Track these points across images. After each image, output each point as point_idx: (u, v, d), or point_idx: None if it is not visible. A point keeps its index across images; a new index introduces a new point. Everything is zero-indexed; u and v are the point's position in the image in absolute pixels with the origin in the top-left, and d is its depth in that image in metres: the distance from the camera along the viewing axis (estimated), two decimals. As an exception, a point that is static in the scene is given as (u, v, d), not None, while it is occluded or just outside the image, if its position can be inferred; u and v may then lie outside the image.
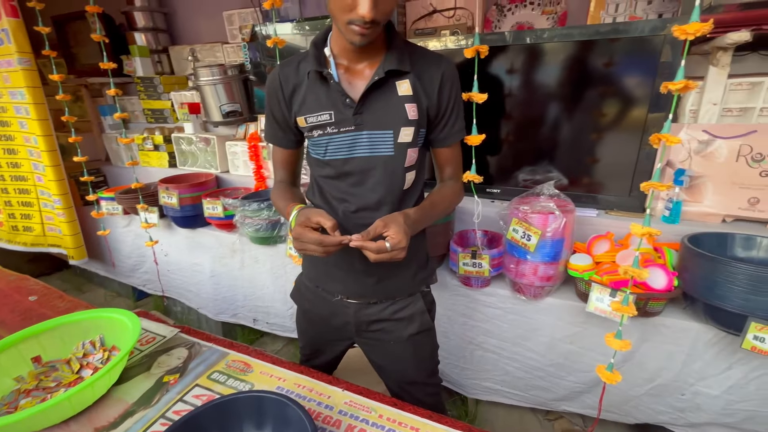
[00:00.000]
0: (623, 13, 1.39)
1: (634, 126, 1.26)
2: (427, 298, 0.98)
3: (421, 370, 1.00)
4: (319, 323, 1.02)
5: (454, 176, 0.94)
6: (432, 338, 1.01)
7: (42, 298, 1.22)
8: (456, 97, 0.85)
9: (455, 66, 0.85)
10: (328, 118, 0.82)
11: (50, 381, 0.82)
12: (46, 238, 2.29)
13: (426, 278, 0.97)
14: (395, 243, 0.72)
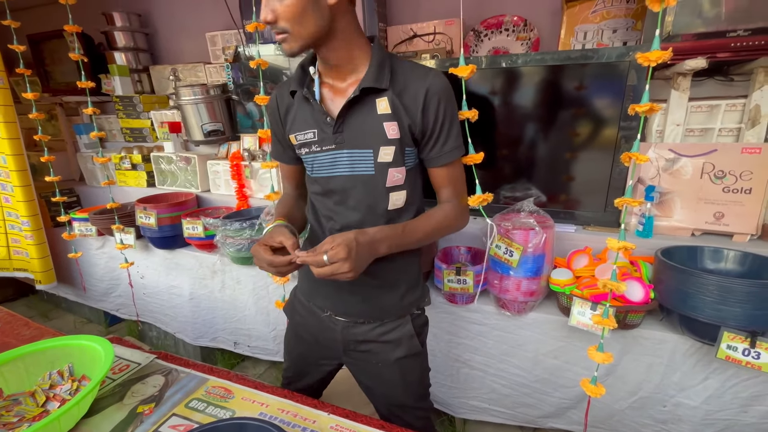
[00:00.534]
0: (591, 41, 1.48)
1: (606, 145, 1.32)
2: (417, 320, 0.95)
3: (409, 393, 0.97)
4: (308, 340, 1.01)
5: (451, 199, 0.88)
6: (421, 362, 0.98)
7: (5, 326, 1.14)
8: (445, 114, 0.80)
9: (445, 80, 0.80)
10: (312, 136, 0.84)
11: (12, 416, 0.76)
12: (11, 262, 2.17)
13: (416, 301, 0.94)
14: (332, 255, 0.70)
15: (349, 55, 0.80)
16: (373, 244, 0.76)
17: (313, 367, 1.04)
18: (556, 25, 1.61)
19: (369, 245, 0.75)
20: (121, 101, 2.28)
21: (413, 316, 0.94)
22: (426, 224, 0.85)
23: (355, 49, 0.80)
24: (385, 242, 0.79)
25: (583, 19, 1.47)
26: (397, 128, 0.80)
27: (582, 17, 1.47)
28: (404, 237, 0.82)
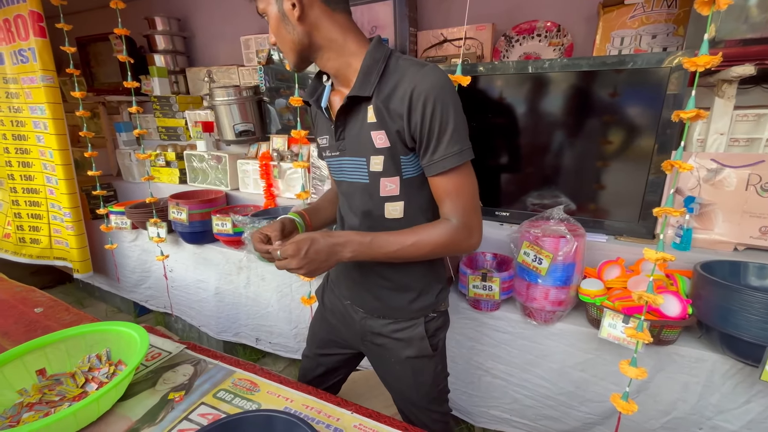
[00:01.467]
0: (629, 46, 1.44)
1: (641, 154, 1.28)
2: (432, 323, 0.93)
3: (422, 394, 0.97)
4: (333, 324, 1.05)
5: (451, 215, 0.77)
6: (435, 365, 0.96)
7: (48, 310, 1.21)
8: (434, 115, 0.71)
9: (438, 77, 0.71)
10: (325, 142, 0.90)
11: (54, 395, 0.81)
12: (52, 251, 2.29)
13: (430, 305, 0.92)
14: (283, 251, 0.74)
15: (344, 62, 0.79)
16: (334, 247, 0.76)
17: (334, 352, 1.08)
18: (591, 31, 1.58)
19: (329, 247, 0.75)
20: (159, 101, 2.38)
21: (427, 319, 0.92)
22: (404, 239, 0.77)
23: (348, 56, 0.78)
24: (349, 248, 0.77)
25: (620, 24, 1.44)
26: (385, 137, 0.76)
27: (619, 22, 1.44)
28: (371, 247, 0.77)
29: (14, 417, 0.74)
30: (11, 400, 0.78)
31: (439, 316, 0.96)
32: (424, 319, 0.91)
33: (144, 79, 2.50)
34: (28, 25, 1.89)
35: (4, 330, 1.09)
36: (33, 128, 2.09)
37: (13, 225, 2.31)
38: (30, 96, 2.03)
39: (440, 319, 0.96)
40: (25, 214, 2.27)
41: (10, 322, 1.13)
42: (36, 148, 2.13)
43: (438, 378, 0.98)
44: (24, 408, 0.76)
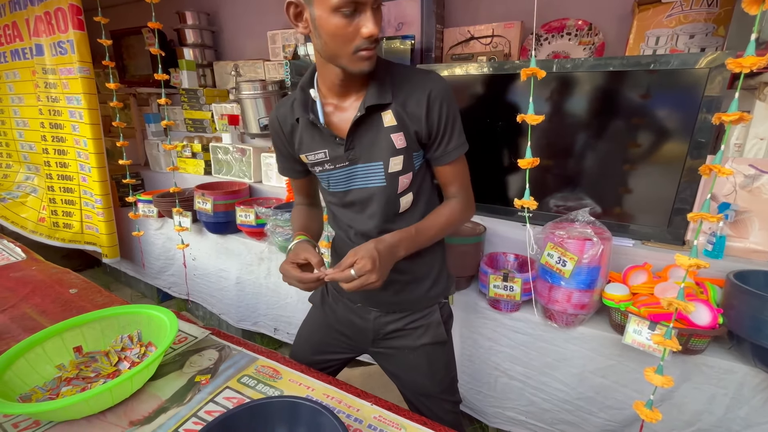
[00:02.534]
0: (664, 46, 1.39)
1: (673, 158, 1.24)
2: (444, 309, 0.99)
3: (435, 382, 0.99)
4: (336, 329, 1.05)
5: (458, 194, 0.91)
6: (446, 351, 1.00)
7: (82, 291, 1.26)
8: (447, 114, 0.82)
9: (444, 81, 0.82)
10: (324, 156, 0.87)
11: (90, 371, 0.84)
12: (83, 236, 2.39)
13: (443, 291, 0.98)
14: (359, 269, 0.74)
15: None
16: (392, 249, 0.80)
17: (333, 358, 1.08)
18: (624, 30, 1.54)
19: (389, 251, 0.79)
20: (187, 93, 2.45)
21: (441, 305, 0.98)
22: (436, 222, 0.88)
23: None
24: (402, 245, 0.82)
25: (656, 23, 1.39)
26: (404, 138, 0.82)
27: (655, 21, 1.39)
28: (418, 237, 0.85)
29: (54, 390, 0.78)
30: (51, 374, 0.83)
31: (448, 303, 1.01)
32: (439, 305, 0.96)
33: (173, 72, 2.57)
34: (67, 18, 1.97)
35: (42, 308, 1.15)
36: (69, 117, 2.18)
37: (48, 210, 2.42)
38: (67, 86, 2.11)
39: (448, 305, 1.02)
40: (59, 199, 2.37)
41: (47, 301, 1.19)
42: (71, 137, 2.22)
43: (450, 365, 1.02)
44: (63, 382, 0.81)
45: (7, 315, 1.10)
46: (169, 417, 0.75)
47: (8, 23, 2.32)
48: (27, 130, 2.49)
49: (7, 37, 2.37)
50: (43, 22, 2.09)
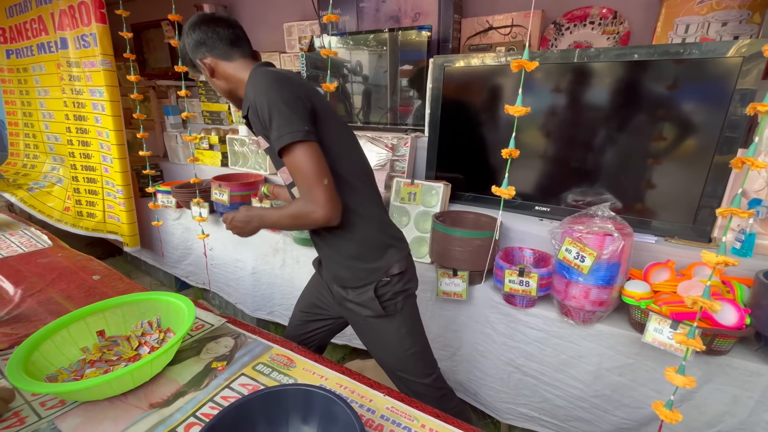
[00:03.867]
0: (694, 35, 1.33)
1: (700, 151, 1.19)
2: (386, 288, 1.02)
3: (390, 357, 1.08)
4: (321, 292, 1.19)
5: (299, 191, 0.90)
6: (395, 326, 1.05)
7: (104, 278, 1.30)
8: (261, 110, 0.86)
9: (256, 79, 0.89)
10: None
11: (112, 354, 0.87)
12: (105, 225, 2.46)
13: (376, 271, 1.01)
14: (225, 217, 1.07)
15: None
16: (248, 217, 1.02)
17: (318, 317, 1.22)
18: (651, 18, 1.48)
19: (245, 217, 1.02)
20: (205, 86, 2.48)
21: (381, 283, 1.01)
22: (283, 211, 0.96)
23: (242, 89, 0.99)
24: (255, 219, 1.02)
25: (686, 10, 1.33)
26: (263, 139, 0.93)
27: (685, 9, 1.33)
28: (263, 218, 1.01)
29: (78, 371, 0.81)
30: (76, 356, 0.86)
31: (395, 281, 1.02)
32: (377, 284, 1.01)
33: (191, 65, 2.60)
34: (90, 12, 2.01)
35: (68, 293, 1.19)
36: (92, 109, 2.23)
37: (73, 200, 2.50)
38: (90, 79, 2.16)
39: (397, 283, 1.03)
40: (83, 189, 2.45)
41: (72, 286, 1.23)
42: (94, 128, 2.27)
43: (403, 341, 1.06)
44: (87, 364, 0.83)
45: (35, 299, 1.14)
46: (186, 401, 0.77)
47: (34, 17, 2.39)
48: (53, 122, 2.56)
49: (33, 30, 2.44)
50: (67, 15, 2.14)
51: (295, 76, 0.95)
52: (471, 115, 1.61)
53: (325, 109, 0.95)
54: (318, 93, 0.98)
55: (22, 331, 0.97)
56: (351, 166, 0.98)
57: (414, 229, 1.64)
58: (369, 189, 1.03)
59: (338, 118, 1.01)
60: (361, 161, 1.04)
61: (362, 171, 1.03)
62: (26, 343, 0.78)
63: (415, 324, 1.09)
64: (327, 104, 0.98)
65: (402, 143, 1.76)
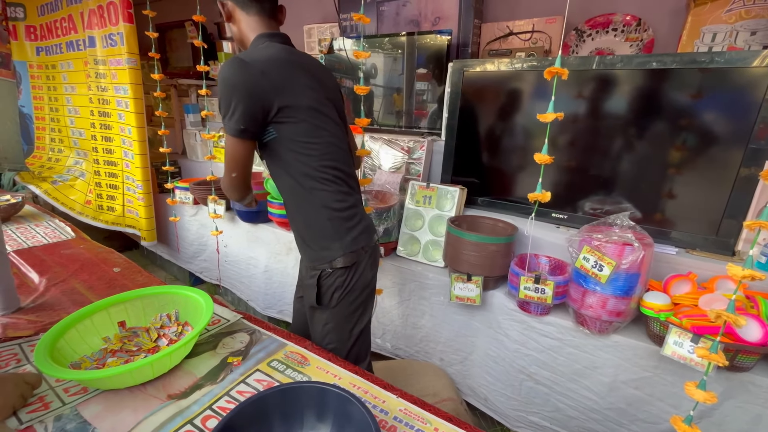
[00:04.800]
0: (721, 43, 1.31)
1: (726, 162, 1.17)
2: (327, 280, 1.07)
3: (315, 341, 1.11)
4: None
5: None
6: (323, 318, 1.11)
7: (124, 270, 1.34)
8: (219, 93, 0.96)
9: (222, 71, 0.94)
10: None
11: (132, 345, 0.89)
12: (124, 219, 2.52)
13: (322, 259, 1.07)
14: None
15: None
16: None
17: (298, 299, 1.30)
18: (677, 26, 1.45)
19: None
20: (224, 85, 2.52)
21: (324, 274, 1.06)
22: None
23: None
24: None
25: (713, 18, 1.31)
26: None
27: (712, 17, 1.31)
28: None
29: (100, 360, 0.83)
30: (98, 345, 0.88)
31: (337, 274, 1.06)
32: (321, 273, 1.06)
33: (212, 64, 2.65)
34: (118, 12, 2.08)
35: (89, 284, 1.22)
36: (116, 106, 2.30)
37: (94, 193, 2.57)
38: (116, 77, 2.23)
39: (339, 277, 1.06)
40: (105, 184, 2.51)
41: (94, 278, 1.26)
42: (117, 125, 2.34)
43: (326, 336, 1.11)
44: (108, 353, 0.86)
45: (59, 288, 1.18)
46: (203, 393, 0.78)
47: (64, 16, 2.47)
48: (78, 118, 2.64)
49: (63, 29, 2.52)
50: (96, 15, 2.21)
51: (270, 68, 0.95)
52: (488, 120, 1.61)
53: (297, 105, 0.97)
54: (294, 85, 0.98)
55: (47, 319, 1.00)
56: (314, 160, 1.02)
57: (428, 232, 1.63)
58: (334, 182, 1.05)
59: (320, 112, 1.02)
60: (333, 155, 1.05)
61: (331, 165, 1.04)
62: (52, 331, 0.81)
63: (344, 324, 1.12)
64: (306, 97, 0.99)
65: (418, 146, 1.76)
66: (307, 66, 1.05)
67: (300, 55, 1.08)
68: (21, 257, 1.37)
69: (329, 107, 1.06)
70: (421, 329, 1.60)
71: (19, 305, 1.07)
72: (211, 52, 2.67)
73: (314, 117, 1.01)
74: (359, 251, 1.09)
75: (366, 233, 1.11)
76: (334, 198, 1.06)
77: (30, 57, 2.81)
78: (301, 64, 1.03)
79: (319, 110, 1.02)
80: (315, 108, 1.01)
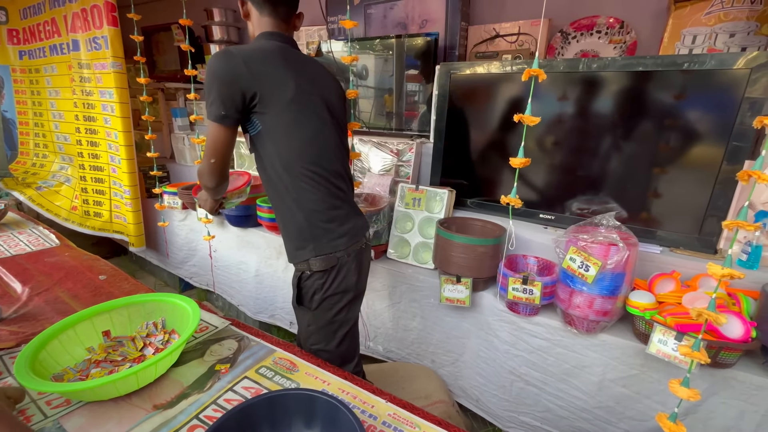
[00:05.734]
0: (701, 45, 1.33)
1: (707, 162, 1.19)
2: (307, 282, 1.09)
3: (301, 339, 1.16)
4: None
5: None
6: (306, 318, 1.13)
7: (110, 278, 1.32)
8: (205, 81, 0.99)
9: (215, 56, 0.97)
10: None
11: (117, 355, 0.88)
12: (112, 225, 2.48)
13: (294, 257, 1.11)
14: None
15: None
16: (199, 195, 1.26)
17: None
18: (659, 29, 1.48)
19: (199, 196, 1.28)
20: (213, 89, 2.50)
21: (304, 277, 1.10)
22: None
23: None
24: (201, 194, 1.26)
25: (693, 21, 1.34)
26: None
27: (692, 19, 1.34)
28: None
29: (84, 371, 0.82)
30: (81, 356, 0.86)
31: (315, 277, 1.08)
32: (301, 274, 1.10)
33: (200, 68, 2.63)
34: (102, 15, 2.05)
35: (74, 293, 1.20)
36: (101, 111, 2.26)
37: (80, 199, 2.53)
38: (101, 81, 2.19)
39: (317, 281, 1.08)
40: (91, 189, 2.48)
41: (79, 286, 1.24)
42: (103, 129, 2.30)
43: (309, 334, 1.14)
44: (92, 364, 0.84)
45: (42, 298, 1.15)
46: (190, 403, 0.77)
47: (48, 19, 2.43)
48: (62, 122, 2.60)
49: (46, 32, 2.48)
50: (79, 18, 2.18)
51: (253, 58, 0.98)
52: (477, 122, 1.62)
53: (278, 96, 0.99)
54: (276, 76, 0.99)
55: (29, 330, 0.98)
56: (294, 154, 1.03)
57: (418, 234, 1.64)
58: (313, 180, 1.05)
59: (304, 107, 1.03)
60: (315, 152, 1.05)
61: (312, 162, 1.04)
62: (34, 342, 0.79)
63: (327, 326, 1.13)
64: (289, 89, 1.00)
65: (407, 149, 1.77)
66: (300, 62, 1.06)
67: (294, 53, 1.08)
68: (3, 266, 1.34)
69: (317, 104, 1.06)
70: (412, 331, 1.60)
71: (1, 316, 1.04)
72: (198, 55, 2.64)
73: (297, 111, 1.01)
74: (340, 254, 1.08)
75: (349, 236, 1.10)
76: (313, 197, 1.06)
77: (12, 61, 2.76)
78: (291, 59, 1.03)
79: (302, 105, 1.02)
80: (298, 102, 1.01)
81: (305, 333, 1.15)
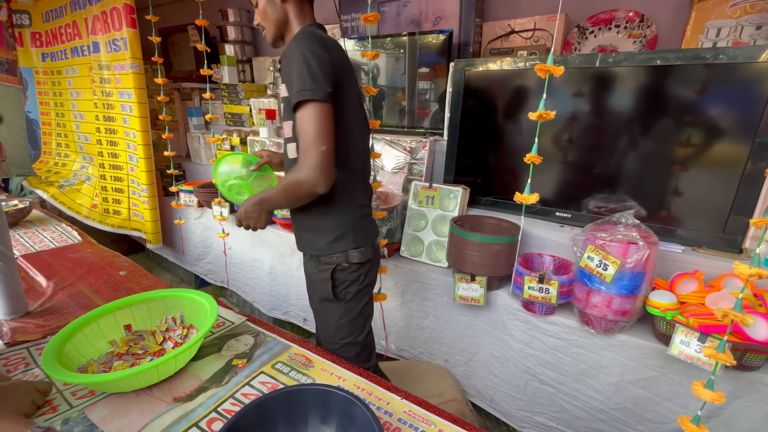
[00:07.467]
0: (726, 38, 1.29)
1: (732, 159, 1.15)
2: (341, 274, 1.08)
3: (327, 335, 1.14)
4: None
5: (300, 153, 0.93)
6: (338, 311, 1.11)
7: (130, 274, 1.35)
8: (290, 65, 0.91)
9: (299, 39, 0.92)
10: None
11: (138, 348, 0.90)
12: (130, 222, 2.54)
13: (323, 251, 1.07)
14: (237, 215, 1.07)
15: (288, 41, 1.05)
16: (260, 203, 1.03)
17: None
18: (680, 22, 1.44)
19: (257, 203, 1.03)
20: (227, 89, 2.54)
21: (339, 267, 1.07)
22: (280, 185, 1.00)
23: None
24: (262, 202, 1.03)
25: (717, 14, 1.29)
26: (284, 88, 0.96)
27: (716, 12, 1.29)
28: (268, 198, 1.02)
29: (107, 363, 0.84)
30: (104, 349, 0.89)
31: (353, 269, 1.08)
32: (335, 267, 1.07)
33: (215, 68, 2.67)
34: (121, 17, 2.09)
35: (96, 288, 1.23)
36: (120, 111, 2.32)
37: (100, 197, 2.60)
38: (120, 81, 2.24)
39: (354, 272, 1.08)
40: (110, 188, 2.54)
41: (100, 281, 1.28)
42: (122, 129, 2.36)
43: (339, 328, 1.12)
44: (114, 357, 0.86)
45: (66, 292, 1.19)
46: (208, 396, 0.78)
47: (69, 22, 2.50)
48: (83, 123, 2.67)
49: (68, 35, 2.55)
50: (99, 20, 2.23)
51: (340, 50, 0.99)
52: (491, 119, 1.60)
53: (350, 90, 0.99)
54: (351, 73, 1.01)
55: (54, 323, 1.01)
56: (351, 148, 1.03)
57: (431, 232, 1.63)
58: (360, 175, 1.08)
59: (359, 105, 1.06)
60: (365, 148, 1.10)
61: (362, 155, 1.08)
62: (59, 335, 0.82)
63: (357, 318, 1.13)
64: (355, 87, 1.03)
65: (420, 146, 1.76)
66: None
67: None
68: (29, 261, 1.38)
69: (360, 102, 1.09)
70: (425, 330, 1.60)
71: (27, 309, 1.08)
72: (213, 55, 2.68)
73: (358, 107, 1.05)
74: (373, 247, 1.12)
75: (375, 233, 1.15)
76: (357, 192, 1.09)
77: (36, 63, 2.84)
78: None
79: (357, 101, 1.05)
80: (357, 99, 1.05)
81: (335, 327, 1.13)
